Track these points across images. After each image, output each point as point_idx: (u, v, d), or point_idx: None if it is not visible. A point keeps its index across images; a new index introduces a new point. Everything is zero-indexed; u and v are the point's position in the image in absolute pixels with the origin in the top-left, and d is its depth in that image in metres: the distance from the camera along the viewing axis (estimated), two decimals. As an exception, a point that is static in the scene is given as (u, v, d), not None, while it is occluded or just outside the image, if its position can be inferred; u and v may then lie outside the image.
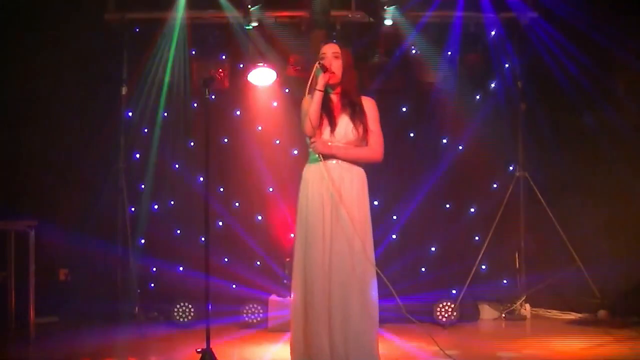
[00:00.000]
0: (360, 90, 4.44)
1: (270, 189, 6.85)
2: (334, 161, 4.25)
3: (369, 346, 4.17)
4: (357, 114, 4.29)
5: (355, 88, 4.40)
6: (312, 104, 4.19)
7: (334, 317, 4.10)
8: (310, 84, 4.26)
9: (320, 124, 4.24)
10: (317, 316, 4.11)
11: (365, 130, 4.29)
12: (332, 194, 4.19)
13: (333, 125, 4.26)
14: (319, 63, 4.21)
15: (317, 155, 4.26)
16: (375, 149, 4.34)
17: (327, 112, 4.26)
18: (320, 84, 4.19)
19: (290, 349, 4.29)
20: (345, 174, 4.25)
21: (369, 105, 4.38)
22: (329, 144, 4.25)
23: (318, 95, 4.19)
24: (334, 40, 4.47)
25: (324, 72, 4.20)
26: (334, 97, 4.33)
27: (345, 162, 4.26)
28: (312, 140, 4.25)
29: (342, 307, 4.11)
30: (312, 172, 4.28)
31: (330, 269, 4.13)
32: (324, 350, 4.09)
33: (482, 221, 6.69)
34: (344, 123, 4.27)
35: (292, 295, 4.29)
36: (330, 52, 4.29)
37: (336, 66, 4.27)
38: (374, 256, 4.29)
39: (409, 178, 6.69)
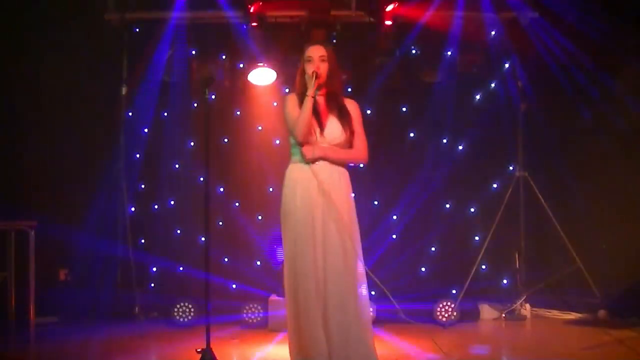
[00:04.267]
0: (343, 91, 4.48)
1: (270, 189, 6.84)
2: (321, 161, 4.25)
3: (368, 345, 4.17)
4: (344, 116, 4.31)
5: (341, 90, 4.43)
6: (303, 110, 4.19)
7: (332, 318, 4.10)
8: (296, 84, 4.30)
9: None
10: (313, 318, 4.10)
11: (352, 132, 4.30)
12: (322, 194, 4.17)
13: (322, 126, 4.26)
14: (314, 72, 4.20)
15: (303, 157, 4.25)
16: (361, 150, 4.34)
17: (315, 113, 4.25)
18: (311, 91, 4.19)
19: (289, 350, 4.29)
20: (334, 173, 4.25)
21: (352, 107, 4.39)
22: (323, 145, 4.25)
23: (309, 102, 4.19)
24: (318, 42, 4.46)
25: (316, 79, 4.19)
26: (320, 99, 4.32)
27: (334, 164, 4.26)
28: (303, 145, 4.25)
29: (340, 307, 4.11)
30: (299, 172, 4.25)
31: (325, 270, 4.12)
32: (323, 351, 4.09)
33: (482, 221, 6.69)
34: (333, 124, 4.28)
35: (285, 298, 4.26)
36: (317, 55, 4.26)
37: (323, 69, 4.26)
38: (363, 255, 4.30)
39: (409, 178, 6.69)
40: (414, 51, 6.80)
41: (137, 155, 6.80)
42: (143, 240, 6.77)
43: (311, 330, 4.10)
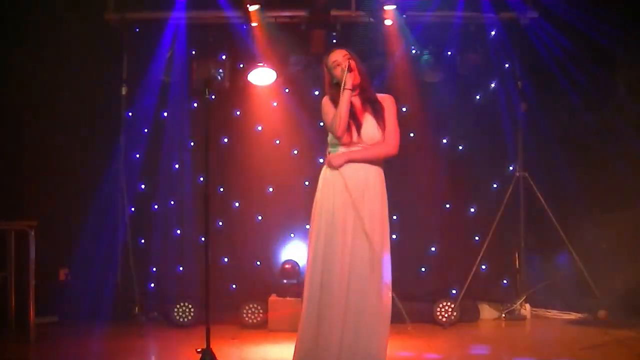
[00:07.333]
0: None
1: (270, 189, 6.85)
2: (353, 164, 4.26)
3: (377, 348, 4.17)
4: (378, 112, 4.34)
5: (370, 86, 4.44)
6: (342, 104, 4.20)
7: (348, 317, 4.11)
8: (327, 94, 4.33)
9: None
10: (333, 316, 4.11)
11: (385, 126, 4.33)
12: (353, 196, 4.20)
13: (359, 126, 4.28)
14: (347, 64, 4.23)
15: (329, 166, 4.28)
16: (388, 143, 4.34)
17: (350, 114, 4.27)
18: (349, 84, 4.22)
19: (295, 349, 4.27)
20: (369, 174, 4.27)
21: (388, 102, 4.42)
22: (352, 148, 4.25)
23: (348, 95, 4.21)
24: (337, 46, 4.51)
25: (350, 72, 4.23)
26: (354, 99, 4.34)
27: (366, 163, 4.27)
28: (328, 154, 4.30)
29: (358, 307, 4.12)
30: (333, 172, 4.27)
31: (350, 269, 4.14)
32: (332, 350, 4.09)
33: (482, 221, 6.68)
34: (369, 123, 4.30)
35: (305, 294, 4.23)
36: (341, 56, 4.32)
37: (352, 64, 4.30)
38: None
39: (409, 178, 6.69)
40: (414, 51, 6.80)
41: (137, 155, 6.80)
42: (143, 240, 6.77)
43: (328, 329, 4.10)
